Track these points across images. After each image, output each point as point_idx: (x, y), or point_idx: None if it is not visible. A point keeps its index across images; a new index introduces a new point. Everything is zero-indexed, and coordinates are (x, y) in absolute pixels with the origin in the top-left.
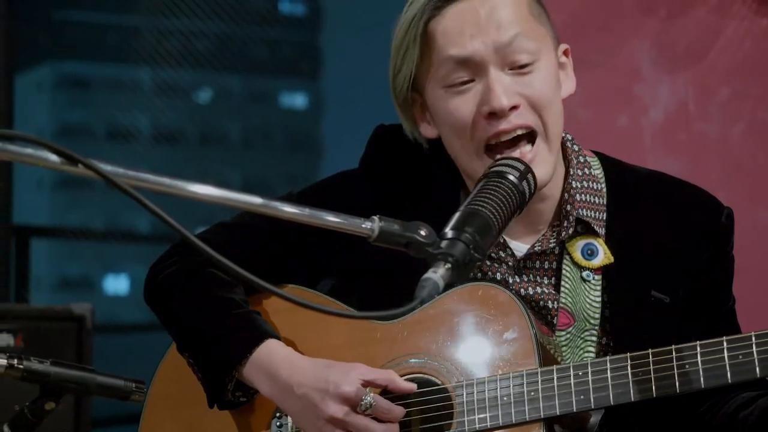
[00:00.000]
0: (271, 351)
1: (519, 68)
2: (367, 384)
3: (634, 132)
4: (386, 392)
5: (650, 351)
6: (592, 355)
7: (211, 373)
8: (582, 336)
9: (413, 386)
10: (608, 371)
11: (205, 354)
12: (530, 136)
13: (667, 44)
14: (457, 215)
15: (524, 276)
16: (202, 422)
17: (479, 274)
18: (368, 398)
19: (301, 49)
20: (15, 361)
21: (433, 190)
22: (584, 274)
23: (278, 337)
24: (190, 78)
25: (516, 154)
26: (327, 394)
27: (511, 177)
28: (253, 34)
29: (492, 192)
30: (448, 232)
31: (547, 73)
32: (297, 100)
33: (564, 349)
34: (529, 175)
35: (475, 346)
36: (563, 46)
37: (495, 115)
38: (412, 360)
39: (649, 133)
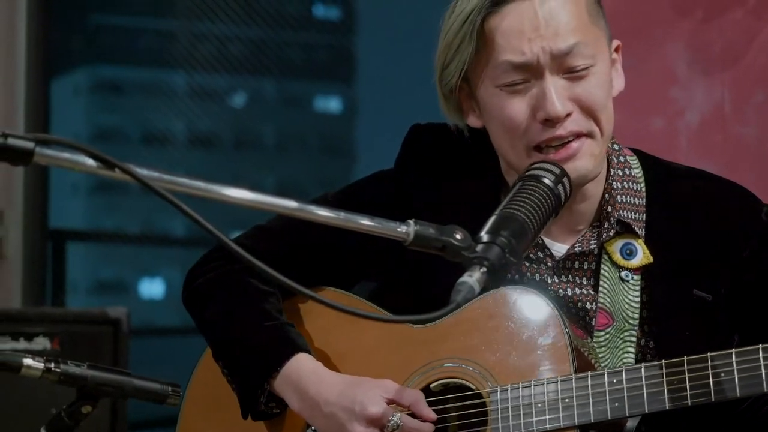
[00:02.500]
0: (300, 365)
1: (574, 72)
2: (391, 402)
3: (670, 135)
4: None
5: (685, 358)
6: (632, 356)
7: (244, 385)
8: (621, 336)
9: (433, 416)
10: (643, 378)
11: (237, 365)
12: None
13: (703, 46)
14: (492, 219)
15: (563, 277)
16: (239, 426)
17: (517, 276)
18: (395, 419)
19: (335, 54)
20: (52, 365)
21: (470, 189)
22: (623, 274)
23: (309, 351)
24: (225, 82)
25: (562, 150)
26: (354, 414)
27: (546, 180)
28: (288, 38)
29: (527, 195)
30: (484, 236)
31: (601, 76)
32: (331, 105)
33: (603, 349)
34: (565, 179)
35: (509, 351)
36: (615, 42)
37: (550, 121)
38: (447, 364)
39: (685, 135)
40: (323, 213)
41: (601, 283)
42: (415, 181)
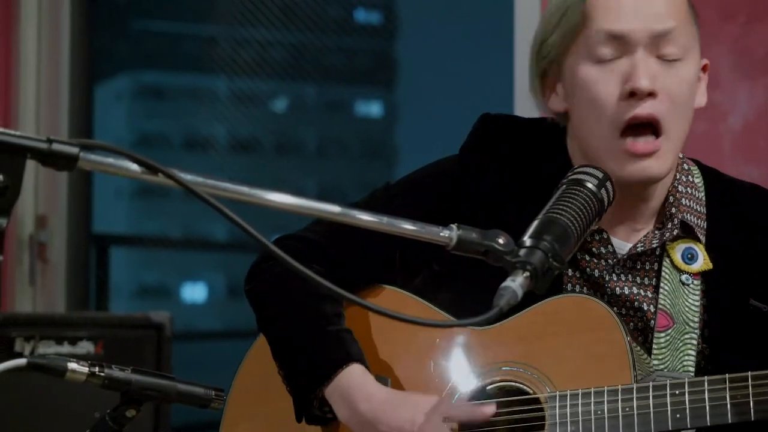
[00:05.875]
0: (351, 377)
1: (666, 59)
2: (447, 420)
3: (713, 139)
4: (477, 399)
5: (750, 374)
6: (692, 358)
7: (298, 389)
8: (682, 339)
9: (492, 408)
10: (706, 392)
11: (292, 369)
12: (656, 131)
13: (747, 50)
14: (535, 223)
15: (622, 275)
16: (287, 416)
17: (578, 272)
18: None
19: (376, 58)
20: (96, 369)
21: (536, 183)
22: (683, 277)
23: (363, 360)
24: (267, 87)
25: (641, 141)
26: None
27: (589, 185)
28: (329, 43)
29: (570, 200)
30: (527, 240)
31: (690, 73)
32: (372, 109)
33: (664, 350)
34: (608, 183)
35: (568, 358)
36: (703, 61)
37: (634, 95)
38: (505, 368)
39: (728, 140)
40: (366, 218)
41: (662, 284)
42: (477, 172)
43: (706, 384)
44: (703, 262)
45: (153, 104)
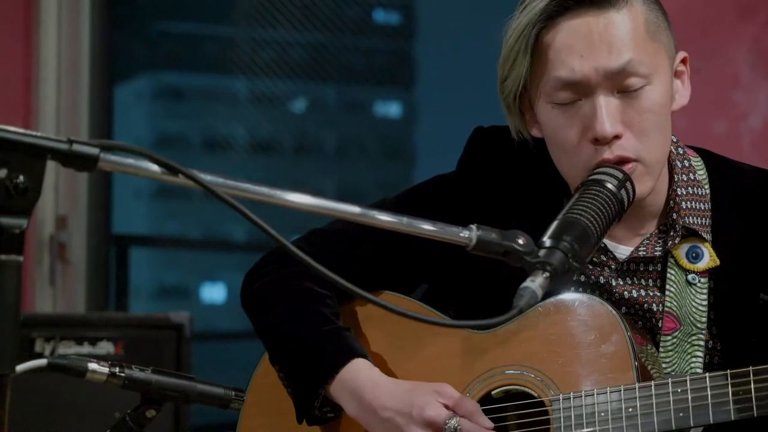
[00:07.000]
0: (357, 370)
1: (628, 92)
2: (448, 408)
3: (732, 139)
4: (483, 404)
5: (751, 369)
6: (700, 359)
7: (299, 389)
8: (689, 341)
9: (491, 425)
10: (708, 389)
11: (293, 370)
12: (628, 162)
13: (766, 50)
14: (555, 224)
15: (627, 279)
16: (297, 431)
17: (582, 278)
18: (453, 422)
19: (395, 58)
20: (117, 370)
21: (533, 193)
22: (690, 277)
23: (366, 356)
24: (286, 88)
25: None
26: (411, 418)
27: (609, 185)
28: (348, 43)
29: (590, 200)
30: (547, 240)
31: (657, 95)
32: (391, 109)
33: (671, 353)
34: (628, 184)
35: (571, 359)
36: (681, 54)
37: (599, 141)
38: (509, 371)
39: (748, 139)
40: (386, 218)
41: (667, 287)
42: (477, 184)
43: (707, 380)
44: (709, 259)
45: (172, 105)
